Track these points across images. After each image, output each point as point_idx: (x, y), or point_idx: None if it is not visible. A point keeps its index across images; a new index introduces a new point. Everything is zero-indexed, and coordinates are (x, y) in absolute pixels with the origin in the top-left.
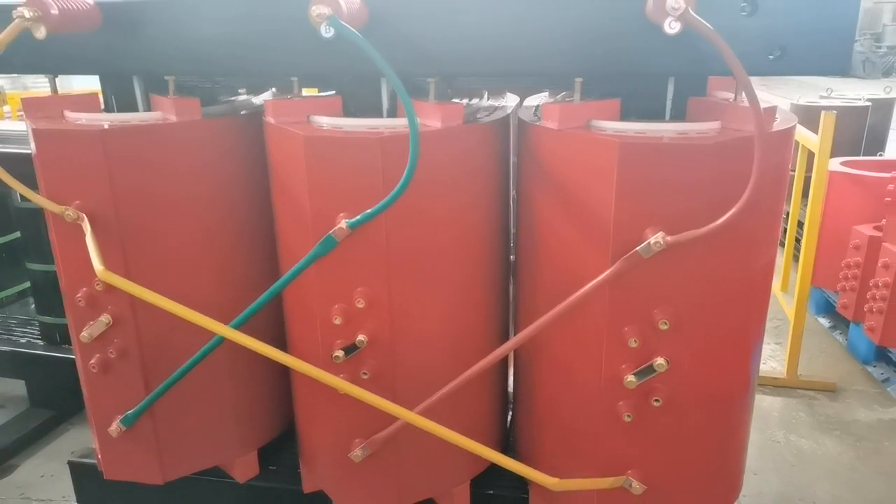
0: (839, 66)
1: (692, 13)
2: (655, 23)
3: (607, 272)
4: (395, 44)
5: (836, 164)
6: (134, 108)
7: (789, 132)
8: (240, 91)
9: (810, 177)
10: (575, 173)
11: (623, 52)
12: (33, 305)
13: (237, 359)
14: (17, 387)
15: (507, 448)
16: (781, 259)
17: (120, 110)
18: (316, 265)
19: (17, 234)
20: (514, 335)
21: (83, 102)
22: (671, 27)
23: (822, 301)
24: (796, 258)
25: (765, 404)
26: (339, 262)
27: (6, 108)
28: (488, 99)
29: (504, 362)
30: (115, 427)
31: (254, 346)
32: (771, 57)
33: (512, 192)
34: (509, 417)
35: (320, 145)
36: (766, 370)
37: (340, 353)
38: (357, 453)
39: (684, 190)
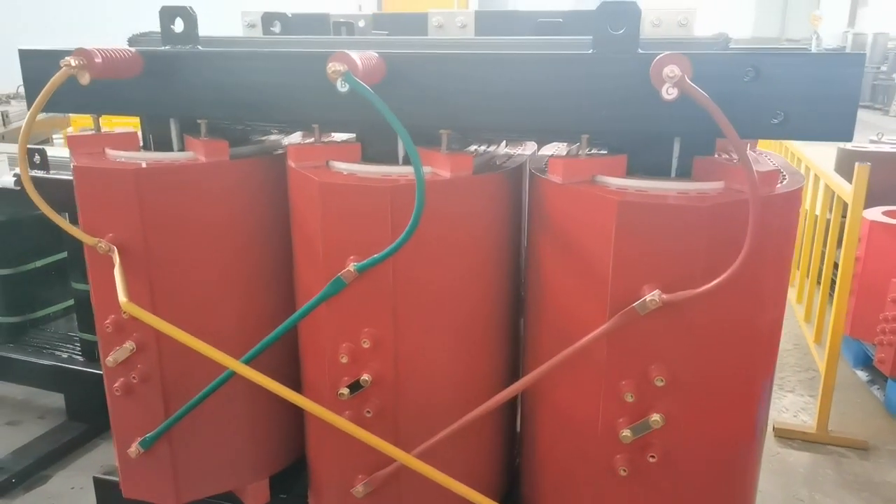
0: (842, 132)
1: (688, 80)
2: (655, 88)
3: (604, 326)
4: (410, 98)
5: (876, 214)
6: (170, 148)
7: (793, 195)
8: (272, 131)
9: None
10: (575, 227)
11: (627, 113)
12: (76, 322)
13: (254, 388)
14: (57, 400)
15: (514, 488)
16: (816, 308)
17: (157, 149)
18: (326, 305)
19: (65, 254)
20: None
21: (123, 141)
22: (669, 93)
23: (860, 353)
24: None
25: (791, 459)
26: (347, 303)
27: (69, 130)
28: (507, 146)
29: (513, 404)
30: (133, 449)
31: (260, 380)
32: (774, 121)
33: (524, 239)
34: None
35: (334, 191)
36: (796, 423)
37: (346, 391)
38: (359, 489)
39: (682, 249)
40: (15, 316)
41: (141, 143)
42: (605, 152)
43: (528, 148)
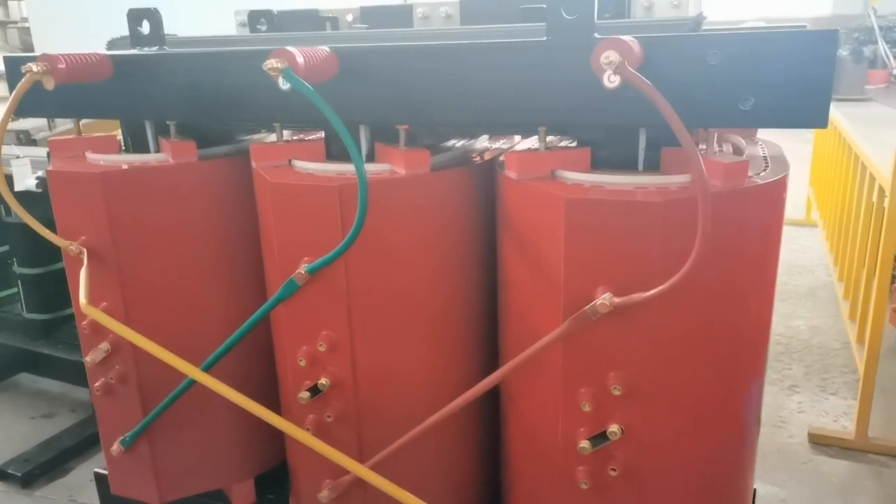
0: (815, 118)
1: (627, 67)
2: (597, 76)
3: (556, 331)
4: (365, 94)
5: None
6: (147, 150)
7: (772, 187)
8: (261, 130)
9: None
10: (529, 226)
11: (584, 104)
12: None
13: (235, 387)
14: (87, 394)
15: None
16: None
17: (136, 152)
18: (285, 308)
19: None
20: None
21: (103, 144)
22: (610, 81)
23: None
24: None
25: (825, 468)
26: (303, 305)
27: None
28: (491, 140)
29: (493, 412)
30: (116, 447)
31: (217, 388)
32: (742, 108)
33: None
34: None
35: (284, 191)
36: (835, 429)
37: (305, 395)
38: (324, 494)
39: (637, 249)
40: (47, 313)
41: (123, 147)
42: (575, 145)
43: (515, 141)
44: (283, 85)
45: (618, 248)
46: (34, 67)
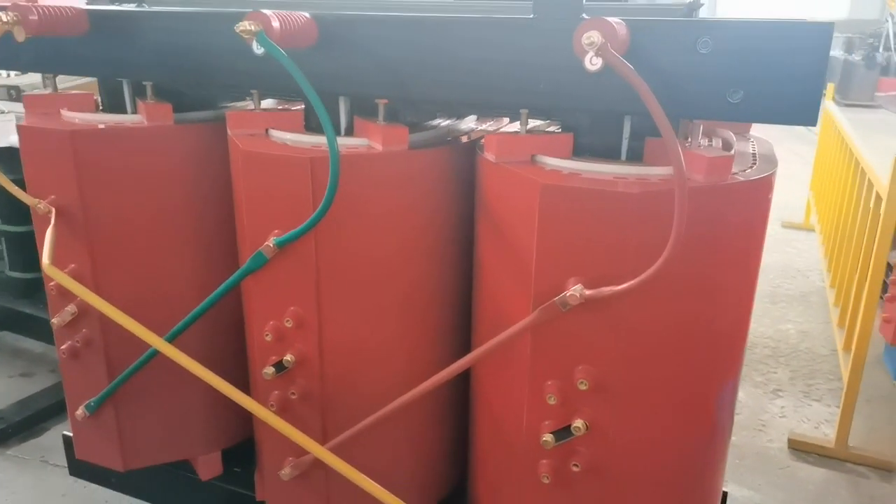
0: (806, 116)
1: (610, 49)
2: (578, 58)
3: (525, 321)
4: (345, 63)
5: None
6: (125, 110)
7: (757, 184)
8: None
9: None
10: (504, 210)
11: (569, 87)
12: None
13: (203, 359)
14: None
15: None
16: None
17: (113, 111)
18: (253, 281)
19: None
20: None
21: (79, 102)
22: (592, 63)
23: None
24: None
25: (802, 474)
26: (271, 279)
27: None
28: (476, 122)
29: (460, 393)
30: (80, 412)
31: (179, 359)
32: (731, 100)
33: None
34: None
35: (255, 160)
36: (816, 436)
37: (270, 371)
38: (286, 471)
39: (612, 240)
40: (30, 272)
41: (101, 106)
42: (560, 131)
43: (503, 124)
44: (257, 49)
45: (592, 238)
46: (4, 17)
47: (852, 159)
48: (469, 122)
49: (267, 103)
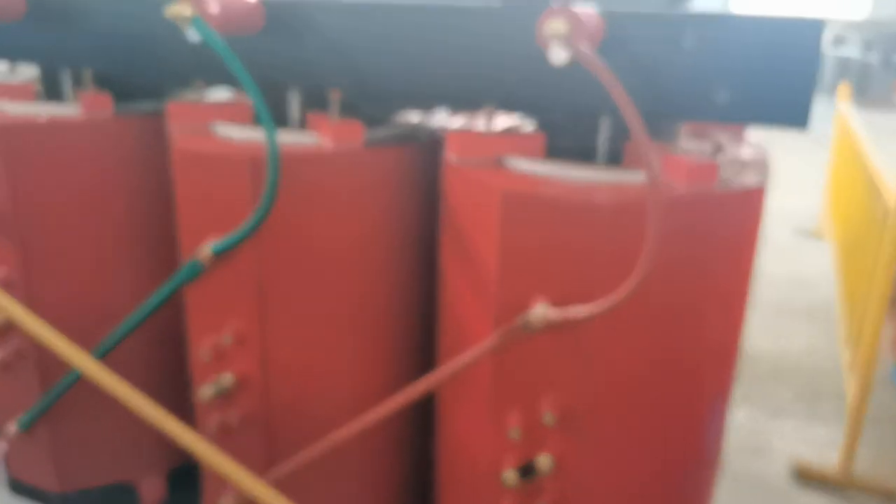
0: (796, 118)
1: (577, 41)
2: (541, 49)
3: (484, 343)
4: (293, 53)
5: None
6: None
7: (747, 196)
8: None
9: None
10: (465, 218)
11: (538, 82)
12: None
13: (145, 376)
14: None
15: None
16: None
17: (52, 101)
18: (191, 292)
19: None
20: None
21: (18, 92)
22: (557, 56)
23: None
24: None
25: (801, 502)
26: (209, 291)
27: None
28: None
29: (424, 418)
30: (13, 428)
31: (105, 382)
32: (716, 100)
33: None
34: None
35: (191, 160)
36: (819, 461)
37: (208, 392)
38: (228, 500)
39: (582, 255)
40: None
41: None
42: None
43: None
44: (193, 36)
45: (560, 252)
46: None
47: (864, 165)
48: (440, 119)
49: (225, 94)
